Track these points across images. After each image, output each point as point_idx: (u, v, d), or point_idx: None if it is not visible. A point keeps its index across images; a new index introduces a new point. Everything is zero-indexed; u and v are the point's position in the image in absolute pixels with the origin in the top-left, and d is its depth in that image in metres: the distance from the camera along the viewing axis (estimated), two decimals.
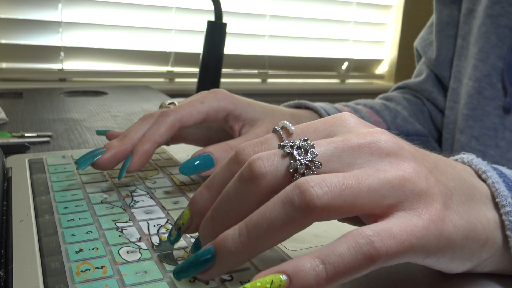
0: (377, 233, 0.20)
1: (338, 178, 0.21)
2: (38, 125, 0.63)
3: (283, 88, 1.53)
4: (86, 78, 1.28)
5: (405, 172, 0.22)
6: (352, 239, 0.20)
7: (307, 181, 0.21)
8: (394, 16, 1.72)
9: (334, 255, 0.19)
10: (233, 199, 0.24)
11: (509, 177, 0.26)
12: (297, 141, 0.23)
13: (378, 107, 0.58)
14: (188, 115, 0.39)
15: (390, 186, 0.21)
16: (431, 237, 0.21)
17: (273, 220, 0.21)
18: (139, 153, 0.37)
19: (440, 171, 0.24)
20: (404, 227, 0.21)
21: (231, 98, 0.41)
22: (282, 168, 0.23)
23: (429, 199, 0.22)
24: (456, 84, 0.58)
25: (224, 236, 0.22)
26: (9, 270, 0.26)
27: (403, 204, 0.22)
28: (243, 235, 0.22)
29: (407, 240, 0.20)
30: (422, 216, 0.21)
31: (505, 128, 0.52)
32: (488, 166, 0.27)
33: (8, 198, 0.36)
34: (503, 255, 0.26)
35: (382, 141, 0.23)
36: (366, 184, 0.21)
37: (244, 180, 0.23)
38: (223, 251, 0.22)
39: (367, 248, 0.20)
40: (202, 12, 1.36)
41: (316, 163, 0.22)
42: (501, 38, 0.52)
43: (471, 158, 0.28)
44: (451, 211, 0.22)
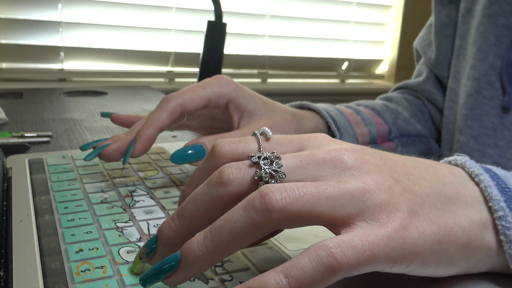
0: (338, 244, 0.21)
1: (297, 186, 0.22)
2: (38, 125, 0.63)
3: (283, 88, 1.53)
4: (86, 78, 1.28)
5: (365, 183, 0.23)
6: (313, 252, 0.20)
7: (268, 187, 0.22)
8: (394, 16, 1.72)
9: (296, 269, 0.20)
10: (199, 200, 0.24)
11: (502, 179, 0.27)
12: (264, 153, 0.25)
13: (380, 108, 0.58)
14: (189, 100, 0.39)
15: (350, 196, 0.22)
16: (394, 245, 0.22)
17: (236, 223, 0.22)
18: (142, 138, 0.37)
19: (413, 180, 0.25)
20: (365, 237, 0.21)
21: (234, 85, 0.42)
22: (248, 176, 0.24)
23: (391, 209, 0.22)
24: (454, 84, 0.58)
25: (190, 241, 0.23)
26: (9, 270, 0.26)
27: (364, 214, 0.22)
28: (207, 238, 0.22)
29: (369, 249, 0.21)
30: (384, 226, 0.22)
31: (504, 128, 0.52)
32: (481, 168, 0.27)
33: (8, 198, 0.36)
34: (497, 256, 0.26)
35: (345, 156, 0.24)
36: (325, 193, 0.22)
37: (212, 184, 0.24)
38: (188, 254, 0.23)
39: (328, 259, 0.20)
40: (202, 12, 1.36)
41: (280, 173, 0.24)
42: (499, 37, 0.52)
43: (464, 161, 0.28)
44: (418, 218, 0.23)
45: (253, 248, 0.30)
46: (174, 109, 0.38)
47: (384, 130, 0.55)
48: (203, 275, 0.27)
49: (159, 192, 0.39)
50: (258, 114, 0.42)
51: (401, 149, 0.56)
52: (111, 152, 0.38)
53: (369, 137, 0.52)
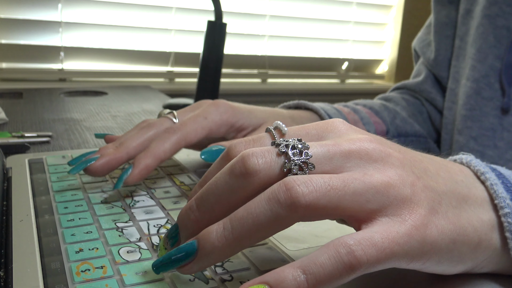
0: (358, 241, 0.20)
1: (324, 179, 0.22)
2: (38, 125, 0.63)
3: (283, 88, 1.53)
4: (86, 78, 1.28)
5: (390, 178, 0.22)
6: (333, 249, 0.20)
7: (293, 179, 0.21)
8: (394, 16, 1.72)
9: (315, 265, 0.20)
10: (221, 191, 0.23)
11: (507, 178, 0.26)
12: (291, 140, 0.23)
13: (378, 107, 0.58)
14: (193, 132, 0.39)
15: (375, 191, 0.22)
16: (413, 243, 0.21)
17: (258, 216, 0.21)
18: (141, 166, 0.36)
19: (431, 176, 0.24)
20: (386, 234, 0.21)
21: (232, 110, 0.41)
22: (276, 167, 0.23)
23: (413, 205, 0.22)
24: (454, 85, 0.58)
25: (208, 230, 0.22)
26: (9, 270, 0.26)
27: (386, 210, 0.22)
28: (227, 230, 0.22)
29: (389, 247, 0.21)
30: (405, 222, 0.22)
31: (503, 129, 0.52)
32: (486, 167, 0.27)
33: (8, 198, 0.36)
34: (501, 256, 0.26)
35: (370, 148, 0.23)
36: (351, 187, 0.22)
37: (236, 174, 0.23)
38: (206, 245, 0.22)
39: (348, 257, 0.20)
40: (202, 12, 1.36)
41: (309, 165, 0.23)
42: (499, 38, 0.52)
43: (470, 159, 0.28)
44: (437, 216, 0.23)
45: (253, 248, 0.30)
46: (178, 142, 0.38)
47: (382, 129, 0.55)
48: (203, 275, 0.27)
49: (159, 192, 0.39)
50: (263, 124, 0.43)
51: None
52: (98, 167, 0.36)
53: None
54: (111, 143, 0.39)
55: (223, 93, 0.98)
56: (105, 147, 0.38)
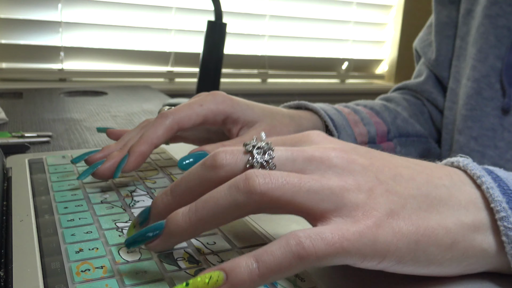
0: (308, 235, 0.22)
1: (282, 174, 0.24)
2: (38, 125, 0.63)
3: (283, 88, 1.53)
4: (86, 78, 1.28)
5: (346, 183, 0.24)
6: (284, 240, 0.22)
7: (254, 172, 0.24)
8: (394, 16, 1.72)
9: (266, 254, 0.21)
10: (192, 180, 0.26)
11: (504, 181, 0.27)
12: (259, 142, 0.26)
13: (378, 108, 0.58)
14: (186, 117, 0.39)
15: (330, 191, 0.23)
16: (365, 241, 0.22)
17: (219, 200, 0.24)
18: (136, 154, 0.37)
19: (399, 181, 0.25)
20: (336, 230, 0.22)
21: (230, 101, 0.41)
22: (241, 163, 0.25)
23: (368, 208, 0.23)
24: (454, 85, 0.58)
25: (175, 212, 0.25)
26: (9, 270, 0.26)
27: (341, 211, 0.23)
28: (191, 211, 0.24)
29: (338, 242, 0.22)
30: (358, 223, 0.23)
31: (504, 129, 0.52)
32: (483, 171, 0.27)
33: (8, 198, 0.36)
34: (495, 258, 0.26)
35: (333, 155, 0.25)
36: (307, 185, 0.23)
37: (206, 166, 0.26)
38: (172, 224, 0.25)
39: (296, 248, 0.21)
40: (202, 12, 1.36)
41: (271, 164, 0.25)
42: (500, 38, 0.52)
43: (466, 163, 0.28)
44: (396, 218, 0.24)
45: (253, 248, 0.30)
46: (171, 127, 0.38)
47: (383, 130, 0.54)
48: None
49: (159, 192, 0.39)
50: (257, 122, 0.43)
51: (400, 149, 0.56)
52: (106, 170, 0.37)
53: (367, 136, 0.52)
54: (114, 144, 0.40)
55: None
56: (108, 148, 0.39)
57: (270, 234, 0.32)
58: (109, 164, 0.37)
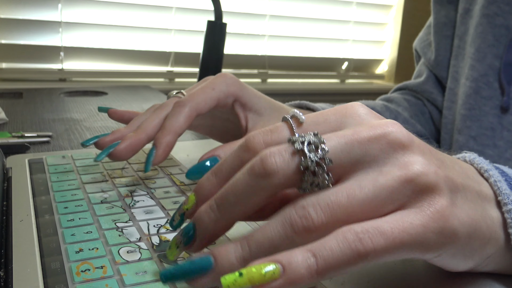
0: (366, 230, 0.20)
1: (331, 199, 0.21)
2: (38, 125, 0.63)
3: (283, 88, 1.53)
4: (86, 78, 1.28)
5: (413, 167, 0.22)
6: (341, 235, 0.20)
7: (303, 205, 0.21)
8: (394, 16, 1.72)
9: (325, 249, 0.20)
10: (241, 192, 0.23)
11: (510, 176, 0.27)
12: (307, 136, 0.23)
13: (379, 108, 0.58)
14: (202, 102, 0.39)
15: (390, 191, 0.21)
16: (429, 234, 0.21)
17: (274, 240, 0.21)
18: (163, 145, 0.37)
19: (448, 167, 0.24)
20: (397, 224, 0.20)
21: (239, 84, 0.42)
22: (293, 165, 0.22)
23: (435, 195, 0.21)
24: (453, 84, 0.58)
25: (226, 249, 0.22)
26: (9, 270, 0.26)
27: (404, 203, 0.21)
28: (245, 251, 0.22)
29: (398, 237, 0.20)
30: (422, 213, 0.21)
31: (503, 128, 0.52)
32: (490, 165, 0.27)
33: (8, 198, 0.36)
34: (504, 254, 0.26)
35: (393, 132, 0.22)
36: (358, 199, 0.21)
37: (255, 175, 0.23)
38: (224, 263, 0.22)
39: (355, 244, 0.20)
40: (202, 12, 1.36)
41: (327, 161, 0.22)
42: (498, 37, 0.52)
43: (473, 157, 0.28)
44: (456, 208, 0.22)
45: None
46: (190, 114, 0.38)
47: None
48: None
49: (159, 192, 0.39)
50: (265, 115, 0.42)
51: None
52: (123, 150, 0.37)
53: None
54: (124, 128, 0.40)
55: None
56: (118, 131, 0.39)
57: None
58: (125, 145, 0.37)
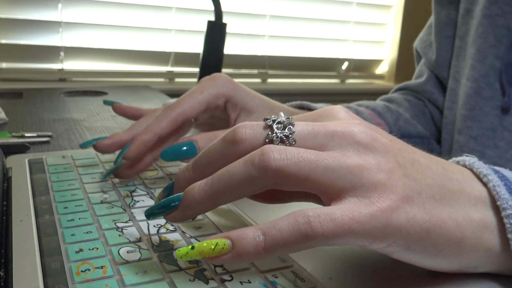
0: (317, 214, 0.22)
1: (298, 151, 0.23)
2: (38, 125, 0.63)
3: (283, 88, 1.53)
4: (86, 78, 1.28)
5: (366, 162, 0.23)
6: (293, 217, 0.22)
7: (270, 147, 0.23)
8: (394, 16, 1.72)
9: (274, 229, 0.22)
10: (213, 155, 0.26)
11: (510, 180, 0.27)
12: (279, 118, 0.25)
13: (380, 109, 0.58)
14: (189, 108, 0.40)
15: (348, 170, 0.23)
16: (376, 223, 0.22)
17: (234, 174, 0.24)
18: (138, 142, 0.38)
19: (417, 168, 0.25)
20: (347, 212, 0.22)
21: (231, 84, 0.42)
22: (261, 138, 0.25)
23: (385, 190, 0.23)
24: (454, 85, 0.58)
25: (192, 185, 0.25)
26: (9, 270, 0.26)
27: (356, 191, 0.23)
28: (207, 185, 0.25)
29: (348, 224, 0.22)
30: (372, 205, 0.22)
31: (504, 128, 0.52)
32: (489, 169, 0.27)
33: (8, 198, 0.36)
34: (500, 257, 0.26)
35: (356, 131, 0.24)
36: (324, 163, 0.23)
37: (226, 141, 0.26)
38: (188, 197, 0.25)
39: (304, 227, 0.21)
40: (202, 12, 1.36)
41: (291, 139, 0.24)
42: (499, 38, 0.52)
43: (472, 161, 0.28)
44: (411, 204, 0.23)
45: None
46: (175, 119, 0.39)
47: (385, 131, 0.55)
48: (203, 275, 0.27)
49: (159, 192, 0.39)
50: (256, 112, 0.43)
51: None
52: (105, 145, 0.39)
53: None
54: (122, 132, 0.41)
55: None
56: (116, 135, 0.41)
57: None
58: (110, 141, 0.39)
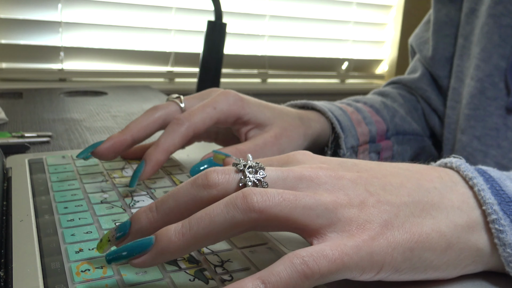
0: (310, 254, 0.22)
1: (278, 192, 0.23)
2: (38, 125, 0.63)
3: (283, 88, 1.53)
4: (86, 78, 1.28)
5: (338, 198, 0.24)
6: (288, 260, 0.22)
7: (250, 189, 0.23)
8: (394, 16, 1.72)
9: (272, 275, 0.21)
10: (181, 198, 0.25)
11: (497, 182, 0.27)
12: (250, 162, 0.26)
13: (378, 105, 0.58)
14: (201, 122, 0.39)
15: (324, 207, 0.24)
16: (362, 254, 0.23)
17: (215, 217, 0.23)
18: (152, 162, 0.37)
19: (390, 190, 0.26)
20: (335, 247, 0.22)
21: (241, 102, 0.42)
22: (234, 182, 0.25)
23: (361, 221, 0.24)
24: (457, 84, 0.58)
25: (166, 227, 0.24)
26: (9, 270, 0.26)
27: (335, 226, 0.23)
28: (185, 227, 0.23)
29: (339, 258, 0.22)
30: (353, 237, 0.23)
31: (507, 128, 0.52)
32: (475, 172, 0.28)
33: (8, 198, 0.36)
34: (489, 257, 0.26)
35: (321, 174, 0.25)
36: (302, 202, 0.23)
37: (197, 185, 0.25)
38: (163, 239, 0.23)
39: (301, 267, 0.21)
40: (202, 12, 1.36)
41: (263, 182, 0.25)
42: (504, 37, 0.52)
43: (459, 164, 0.28)
44: (390, 228, 0.24)
45: (253, 248, 0.30)
46: (187, 134, 0.38)
47: (383, 128, 0.55)
48: (203, 275, 0.27)
49: (159, 192, 0.39)
50: (268, 125, 0.43)
51: (397, 147, 0.57)
52: (104, 150, 0.38)
53: (369, 136, 0.53)
54: (118, 132, 0.40)
55: None
56: (112, 137, 0.39)
57: (270, 234, 0.32)
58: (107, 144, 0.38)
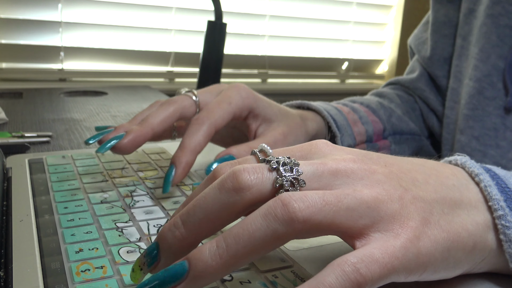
0: (361, 259, 0.20)
1: (319, 195, 0.21)
2: (38, 125, 0.63)
3: (283, 88, 1.53)
4: (86, 78, 1.28)
5: (378, 193, 0.23)
6: (338, 268, 0.20)
7: (289, 195, 0.21)
8: (394, 16, 1.72)
9: (323, 286, 0.19)
10: (210, 207, 0.22)
11: (502, 179, 0.27)
12: (281, 157, 0.23)
13: (374, 106, 0.58)
14: (220, 119, 0.39)
15: (366, 206, 0.22)
16: (410, 256, 0.22)
17: (254, 232, 0.21)
18: (182, 165, 0.36)
19: (419, 186, 0.25)
20: (384, 249, 0.21)
21: (253, 95, 0.42)
22: (268, 182, 0.22)
23: (403, 219, 0.22)
24: (456, 84, 0.58)
25: (199, 249, 0.21)
26: (9, 270, 0.26)
27: (378, 225, 0.22)
28: (221, 248, 0.21)
29: (390, 262, 0.21)
30: (399, 236, 0.22)
31: (506, 128, 0.52)
32: (481, 168, 0.27)
33: (8, 198, 0.36)
34: (497, 257, 0.26)
35: (355, 167, 0.24)
36: (345, 203, 0.22)
37: (227, 189, 0.22)
38: (199, 265, 0.21)
39: (354, 275, 0.20)
40: (202, 12, 1.36)
41: (300, 181, 0.23)
42: (502, 38, 0.52)
43: (464, 160, 0.28)
44: (429, 226, 0.23)
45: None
46: (210, 132, 0.38)
47: (379, 128, 0.55)
48: None
49: (159, 192, 0.39)
50: (275, 122, 0.43)
51: (394, 147, 0.57)
52: (127, 144, 0.36)
53: (365, 135, 0.53)
54: (127, 123, 0.39)
55: None
56: (122, 127, 0.38)
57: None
58: (129, 138, 0.36)
